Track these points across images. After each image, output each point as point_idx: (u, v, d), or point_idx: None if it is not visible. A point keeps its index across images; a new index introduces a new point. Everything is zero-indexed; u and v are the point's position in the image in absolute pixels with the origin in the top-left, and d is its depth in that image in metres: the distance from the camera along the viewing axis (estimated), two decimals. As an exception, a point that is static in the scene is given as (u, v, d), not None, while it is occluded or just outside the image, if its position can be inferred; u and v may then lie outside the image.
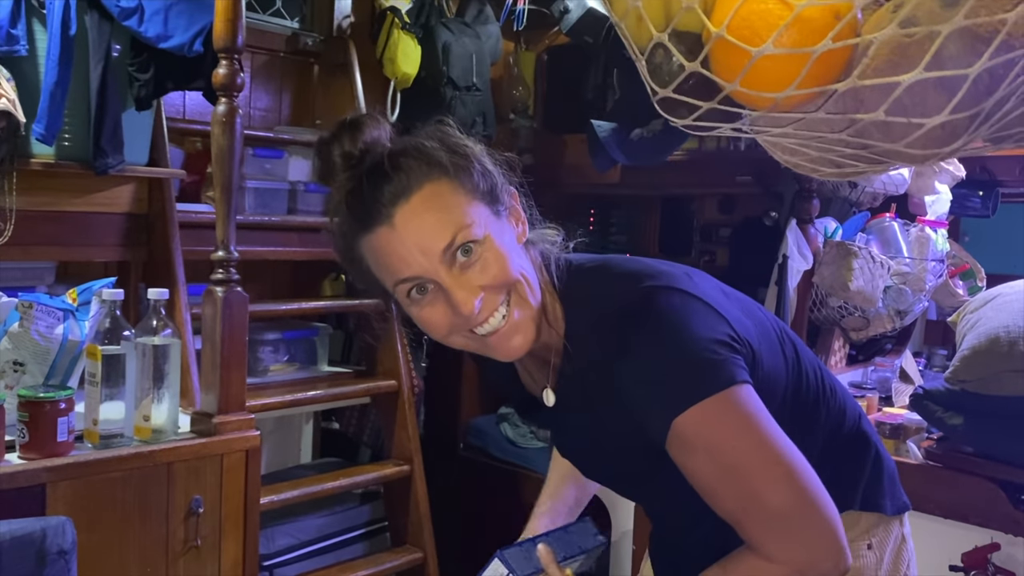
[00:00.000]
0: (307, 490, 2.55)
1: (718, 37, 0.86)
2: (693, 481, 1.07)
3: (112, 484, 1.91)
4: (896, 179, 2.51)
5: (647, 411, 1.05)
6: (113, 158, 2.17)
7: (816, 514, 1.04)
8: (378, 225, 1.04)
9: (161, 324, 1.99)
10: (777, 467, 1.03)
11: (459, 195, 1.05)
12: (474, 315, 1.05)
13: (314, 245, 2.83)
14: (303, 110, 3.16)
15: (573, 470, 1.45)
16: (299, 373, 2.90)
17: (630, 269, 1.13)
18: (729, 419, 1.02)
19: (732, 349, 1.05)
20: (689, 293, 1.07)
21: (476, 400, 3.77)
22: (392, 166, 1.04)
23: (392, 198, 1.03)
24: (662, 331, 1.04)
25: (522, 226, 1.13)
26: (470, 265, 1.04)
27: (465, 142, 1.09)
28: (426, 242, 1.03)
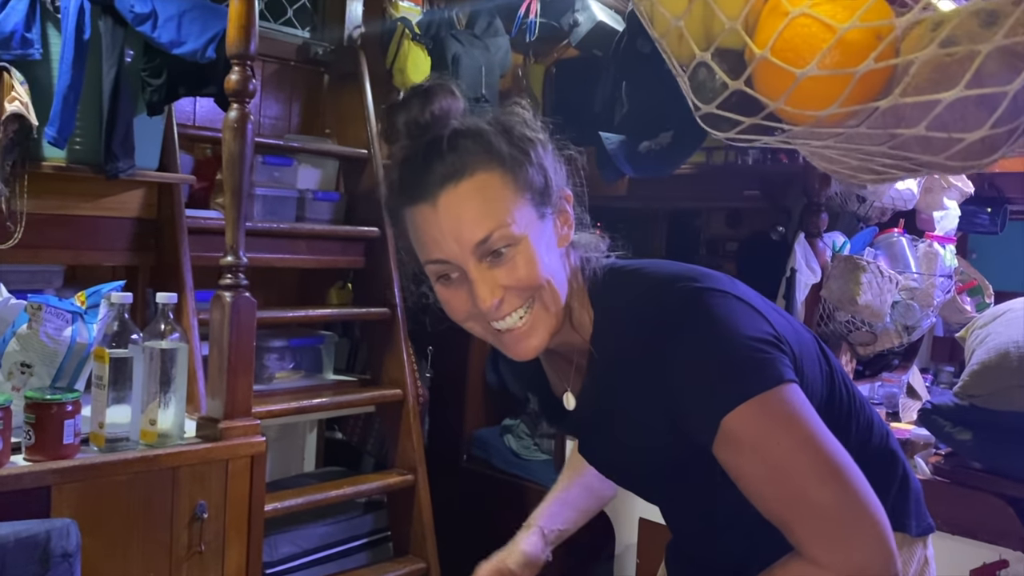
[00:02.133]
0: (311, 498, 2.54)
1: (762, 59, 0.87)
2: (740, 482, 1.05)
3: (117, 488, 1.90)
4: (904, 194, 2.51)
5: (694, 411, 1.04)
6: (124, 162, 2.18)
7: (866, 515, 1.01)
8: (422, 201, 1.05)
9: (169, 328, 1.99)
10: (826, 466, 1.01)
11: (507, 190, 1.04)
12: (492, 311, 1.06)
13: (322, 253, 2.84)
14: (313, 119, 3.17)
15: (586, 478, 1.44)
16: (304, 381, 2.90)
17: (669, 272, 1.12)
18: (778, 416, 1.01)
19: (778, 348, 1.04)
20: (732, 294, 1.07)
21: (480, 411, 3.76)
22: (450, 145, 1.04)
23: (441, 179, 1.03)
24: (708, 330, 1.03)
25: (567, 229, 1.12)
26: (499, 264, 1.04)
27: (531, 135, 1.08)
28: (462, 231, 1.03)
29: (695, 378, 1.03)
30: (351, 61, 3.06)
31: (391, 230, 2.99)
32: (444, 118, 1.06)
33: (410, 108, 1.06)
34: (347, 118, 3.08)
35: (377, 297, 2.93)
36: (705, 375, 1.03)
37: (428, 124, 1.05)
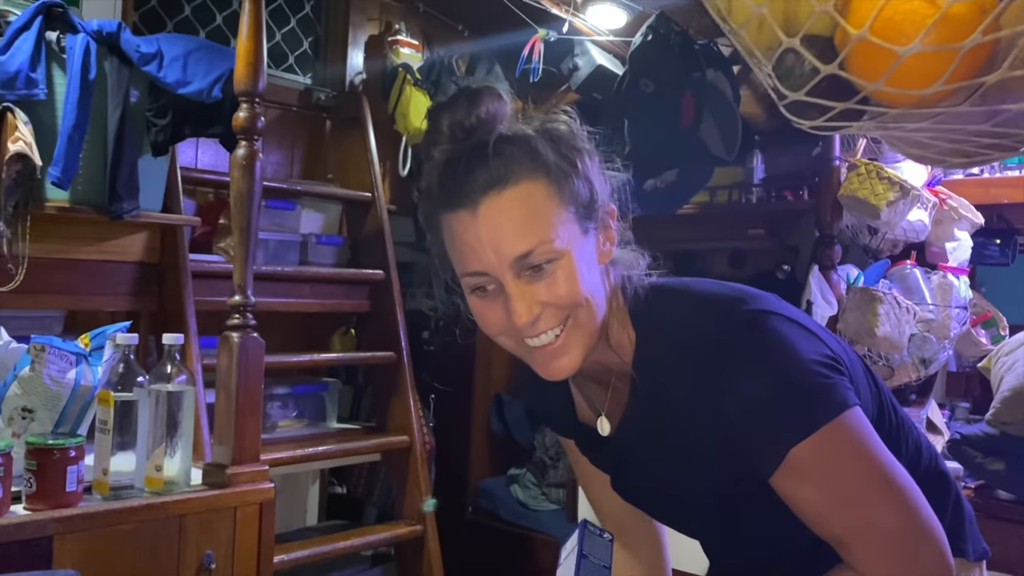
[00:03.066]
0: (319, 549, 2.45)
1: (860, 38, 0.85)
2: (800, 508, 1.02)
3: (122, 537, 1.82)
4: (916, 226, 2.49)
5: (757, 441, 1.00)
6: (128, 203, 2.14)
7: (930, 538, 1.00)
8: (462, 208, 1.00)
9: (176, 370, 1.92)
10: (891, 490, 0.99)
11: (551, 203, 1.00)
12: (527, 328, 1.02)
13: (326, 297, 2.79)
14: (315, 164, 3.15)
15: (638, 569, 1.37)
16: (308, 429, 2.82)
17: (719, 293, 1.07)
18: (845, 445, 0.99)
19: (838, 371, 1.01)
20: (788, 317, 1.03)
21: (484, 461, 3.68)
22: (495, 151, 1.00)
23: (484, 186, 0.99)
24: (769, 357, 0.99)
25: (609, 245, 1.07)
26: (539, 279, 1.00)
27: (578, 145, 1.04)
28: (502, 244, 0.99)
29: (758, 408, 0.98)
30: (353, 106, 3.05)
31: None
32: (490, 122, 1.02)
33: (456, 109, 1.02)
34: (349, 163, 3.06)
35: (382, 341, 2.87)
36: (769, 405, 0.98)
37: (473, 127, 1.01)
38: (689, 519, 1.22)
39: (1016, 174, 2.62)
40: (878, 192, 2.29)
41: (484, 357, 3.60)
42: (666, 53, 2.76)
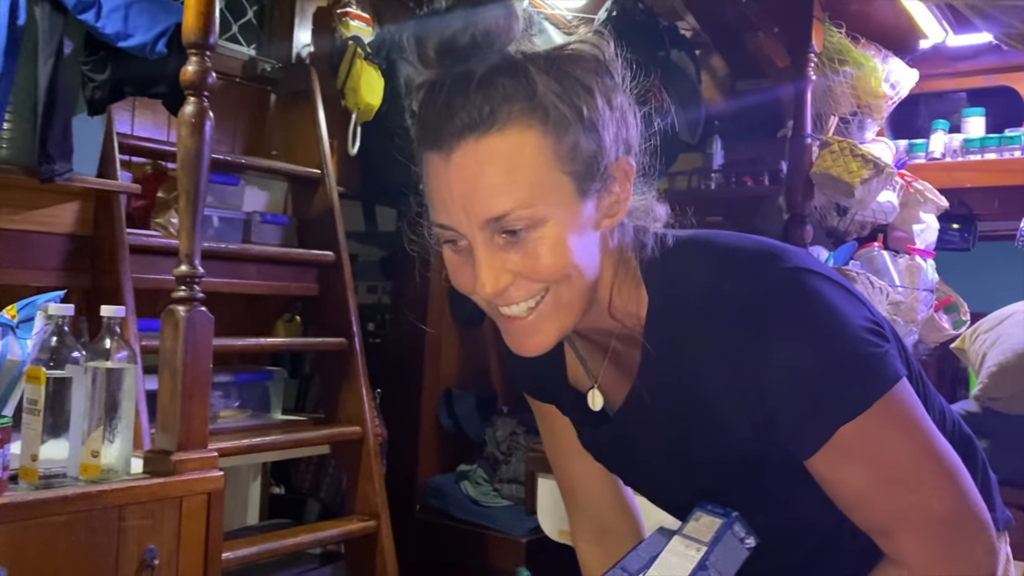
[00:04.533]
0: (268, 546, 2.28)
1: None
2: (840, 492, 0.91)
3: (54, 530, 1.62)
4: (885, 207, 2.46)
5: (800, 419, 0.87)
6: (60, 165, 1.95)
7: (977, 519, 0.90)
8: (436, 149, 0.85)
9: (116, 345, 1.74)
10: (941, 471, 0.89)
11: (542, 158, 0.84)
12: (495, 297, 0.87)
13: (272, 278, 2.62)
14: (258, 140, 2.97)
15: None
16: (251, 420, 2.64)
17: (749, 248, 0.92)
18: (897, 422, 0.87)
19: (885, 338, 0.89)
20: (828, 276, 0.89)
21: (433, 458, 3.53)
22: (482, 83, 0.83)
23: (461, 128, 0.83)
24: (815, 325, 0.85)
25: (616, 209, 0.90)
26: (514, 246, 0.85)
27: (591, 82, 0.86)
28: (474, 202, 0.84)
29: (803, 382, 0.86)
30: (301, 79, 2.89)
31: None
32: (489, 44, 0.84)
33: (449, 22, 0.84)
34: (296, 139, 2.89)
35: (332, 327, 2.71)
36: (816, 379, 0.85)
37: (467, 50, 0.84)
38: (694, 498, 1.06)
39: (978, 158, 2.62)
40: (852, 170, 2.24)
41: (434, 350, 3.46)
42: (632, 29, 2.68)
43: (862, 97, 2.43)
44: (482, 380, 3.59)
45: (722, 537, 0.94)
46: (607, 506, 1.22)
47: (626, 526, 1.23)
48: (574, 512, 1.25)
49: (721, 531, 0.95)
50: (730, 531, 0.95)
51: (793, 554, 1.05)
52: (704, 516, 0.97)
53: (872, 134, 2.63)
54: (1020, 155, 2.53)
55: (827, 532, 1.00)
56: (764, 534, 1.05)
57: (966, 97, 2.95)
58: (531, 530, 3.06)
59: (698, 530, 0.96)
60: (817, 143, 2.48)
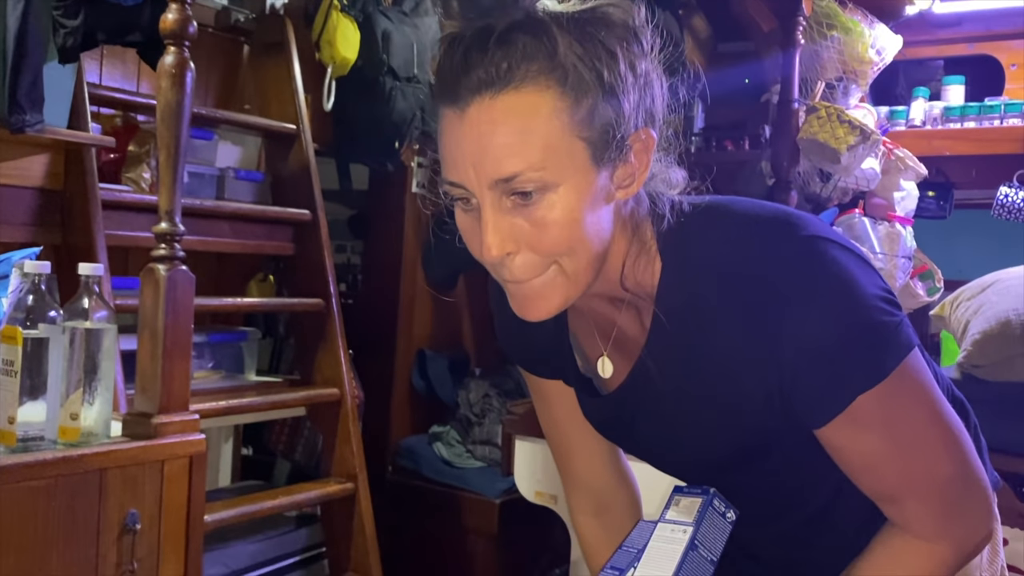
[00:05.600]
0: (247, 509, 2.24)
1: None
2: (851, 460, 0.92)
3: (33, 495, 1.57)
4: (868, 173, 2.47)
5: (817, 389, 0.87)
6: (32, 115, 1.86)
7: (977, 481, 0.94)
8: (451, 105, 0.83)
9: (95, 305, 1.68)
10: (949, 436, 0.91)
11: (557, 120, 0.81)
12: (496, 264, 0.86)
13: (246, 237, 2.55)
14: (230, 93, 2.88)
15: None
16: (224, 382, 2.58)
17: (765, 215, 0.91)
18: (911, 390, 0.89)
19: (898, 306, 0.89)
20: (844, 245, 0.90)
21: (406, 420, 3.51)
22: (501, 40, 0.80)
23: (478, 84, 0.81)
24: (833, 294, 0.85)
25: (632, 180, 0.88)
26: (523, 210, 0.83)
27: (615, 48, 0.83)
28: (484, 161, 0.82)
29: (823, 352, 0.86)
30: (275, 31, 2.79)
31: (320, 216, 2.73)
32: (513, 1, 0.82)
33: None
34: (270, 93, 2.80)
35: (308, 288, 2.65)
36: (835, 349, 0.85)
37: (490, 4, 0.82)
38: (701, 472, 1.07)
39: (958, 126, 2.64)
40: (839, 135, 2.24)
41: (407, 311, 3.42)
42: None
43: (849, 63, 2.42)
44: (455, 342, 3.57)
45: (705, 514, 0.95)
46: (606, 481, 1.21)
47: (625, 500, 1.23)
48: (572, 487, 1.24)
49: (702, 509, 0.96)
50: (711, 507, 0.96)
51: (791, 522, 1.07)
52: (683, 499, 0.99)
53: (856, 100, 2.63)
54: (999, 124, 2.55)
55: (825, 502, 1.02)
56: (763, 504, 1.06)
57: (943, 65, 2.96)
58: (504, 491, 3.07)
59: (680, 513, 0.97)
60: (804, 108, 2.47)
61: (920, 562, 0.93)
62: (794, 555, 1.08)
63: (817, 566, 1.02)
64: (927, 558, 0.93)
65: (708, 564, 0.93)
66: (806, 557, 1.06)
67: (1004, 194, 2.46)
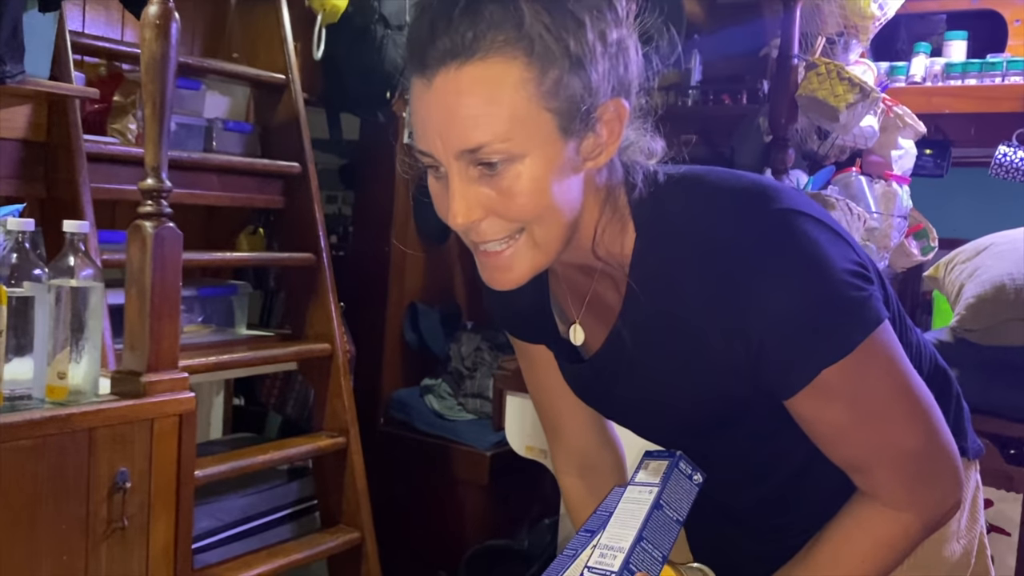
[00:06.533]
0: (237, 464, 2.24)
1: None
2: (818, 430, 0.94)
3: (21, 455, 1.56)
4: (866, 131, 2.44)
5: (784, 361, 0.88)
6: (12, 66, 1.81)
7: (947, 455, 0.96)
8: (420, 74, 0.83)
9: (81, 262, 1.65)
10: (917, 408, 0.93)
11: (523, 91, 0.81)
12: (467, 229, 0.87)
13: (236, 190, 2.51)
14: (217, 43, 2.81)
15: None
16: (215, 336, 2.57)
17: (739, 187, 0.91)
18: (877, 363, 0.90)
19: (868, 280, 0.90)
20: (816, 217, 0.90)
21: (397, 372, 3.51)
22: (467, 8, 0.80)
23: (443, 54, 0.81)
24: (803, 268, 0.86)
25: (601, 151, 0.88)
26: (489, 179, 0.84)
27: (584, 17, 0.82)
28: (450, 131, 0.82)
29: (788, 325, 0.86)
30: (264, -24, 2.72)
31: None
32: None
33: None
34: (258, 41, 2.73)
35: (298, 242, 2.63)
36: (801, 322, 0.86)
37: None
38: (673, 437, 1.09)
39: (959, 83, 2.60)
40: (838, 93, 2.21)
41: (398, 264, 3.40)
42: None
43: (850, 18, 2.38)
44: (447, 295, 3.56)
45: (670, 476, 0.98)
46: (591, 441, 1.23)
47: (610, 461, 1.24)
48: (557, 447, 1.25)
49: (668, 470, 0.98)
50: (676, 469, 0.99)
51: (767, 487, 1.09)
52: (651, 462, 1.02)
53: (856, 56, 2.59)
54: (1001, 81, 2.52)
55: (800, 466, 1.04)
56: (740, 469, 1.08)
57: (946, 20, 2.91)
58: (495, 444, 3.09)
59: (648, 475, 1.00)
60: (803, 64, 2.43)
61: (886, 529, 0.95)
62: (774, 519, 1.10)
63: (798, 529, 1.03)
64: (893, 525, 0.95)
65: (674, 523, 0.96)
66: (786, 521, 1.08)
67: (1003, 153, 2.43)
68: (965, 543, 1.12)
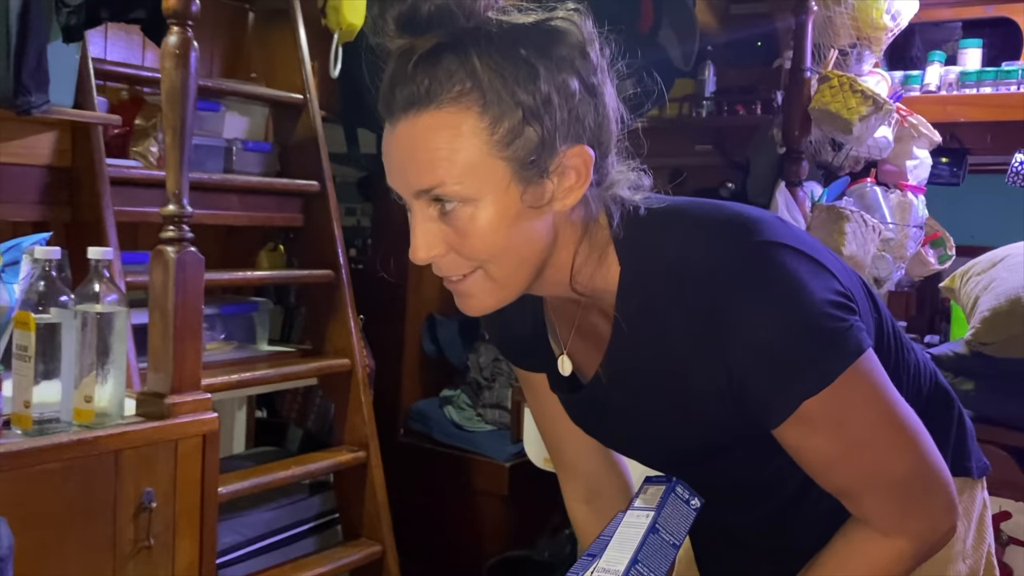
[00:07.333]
0: (260, 480, 2.28)
1: None
2: (805, 458, 0.95)
3: (50, 477, 1.61)
4: (880, 142, 2.44)
5: (765, 393, 0.90)
6: (37, 96, 1.85)
7: (938, 480, 0.96)
8: (386, 119, 0.88)
9: (105, 289, 1.69)
10: (902, 436, 0.94)
11: (476, 139, 0.85)
12: (426, 263, 0.90)
13: (256, 209, 2.55)
14: (236, 63, 2.86)
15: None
16: (237, 353, 2.61)
17: (721, 218, 0.93)
18: (859, 393, 0.91)
19: (852, 311, 0.91)
20: (797, 248, 0.91)
21: (416, 383, 3.54)
22: (425, 63, 0.84)
23: (403, 103, 0.85)
24: (782, 301, 0.88)
25: (568, 194, 0.89)
26: (446, 219, 0.87)
27: (539, 74, 0.84)
28: (407, 173, 0.87)
29: (768, 358, 0.88)
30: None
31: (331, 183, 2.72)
32: (447, 18, 0.84)
33: None
34: (276, 61, 2.77)
35: (318, 258, 2.66)
36: (781, 355, 0.88)
37: (424, 22, 0.84)
38: (669, 462, 1.10)
39: (973, 92, 2.59)
40: (851, 106, 2.21)
41: (416, 276, 3.43)
42: (629, -50, 2.58)
43: (862, 29, 2.38)
44: (465, 306, 3.58)
45: (667, 500, 1.00)
46: (596, 468, 1.24)
47: (615, 486, 1.25)
48: (564, 474, 1.27)
49: (664, 495, 1.00)
50: (673, 493, 1.01)
51: (765, 511, 1.09)
52: (650, 487, 1.04)
53: (869, 66, 2.59)
54: (1016, 90, 2.51)
55: (795, 492, 1.05)
56: (736, 494, 1.10)
57: (961, 27, 2.90)
58: (514, 454, 3.11)
59: (646, 500, 1.02)
60: (816, 77, 2.43)
61: (879, 555, 0.96)
62: (775, 542, 1.11)
63: (799, 552, 1.04)
64: (886, 551, 0.95)
65: (670, 547, 0.98)
66: (787, 544, 1.08)
67: (1019, 161, 2.43)
68: (971, 563, 1.13)
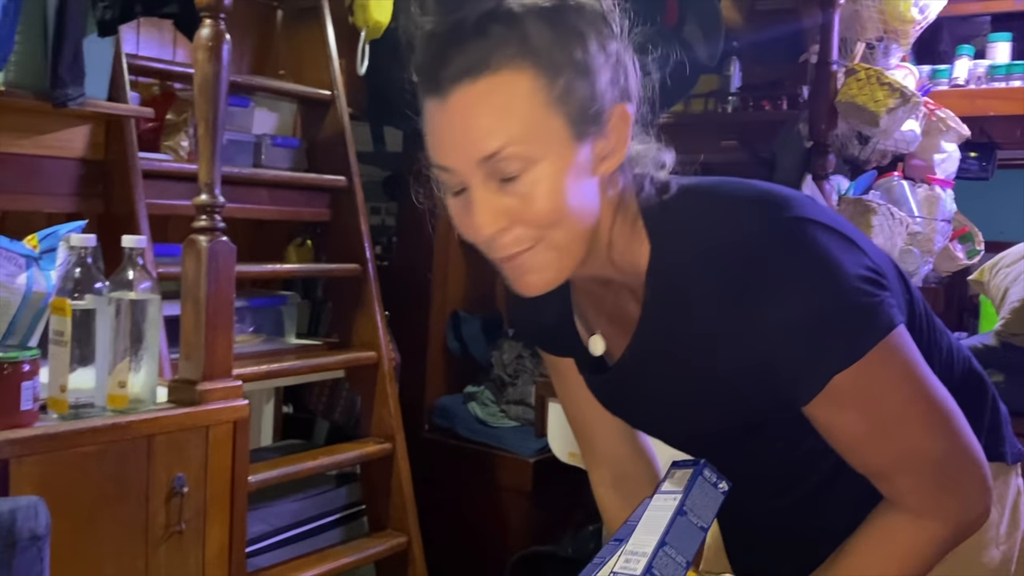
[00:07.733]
0: (288, 469, 2.31)
1: None
2: (836, 437, 0.94)
3: (85, 460, 1.64)
4: (908, 136, 2.43)
5: (796, 368, 0.90)
6: (73, 89, 1.89)
7: (972, 461, 0.95)
8: (433, 95, 0.88)
9: (139, 276, 1.72)
10: (936, 414, 0.93)
11: (536, 98, 0.86)
12: (489, 243, 0.90)
13: (284, 203, 2.58)
14: (264, 60, 2.89)
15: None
16: (265, 345, 2.64)
17: (751, 196, 0.94)
18: (890, 369, 0.90)
19: (883, 286, 0.91)
20: (827, 225, 0.91)
21: (441, 379, 3.56)
22: (476, 31, 0.85)
23: (457, 72, 0.85)
24: (813, 276, 0.88)
25: (613, 155, 0.91)
26: (510, 188, 0.87)
27: (585, 28, 0.87)
28: (469, 140, 0.86)
29: (799, 333, 0.88)
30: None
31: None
32: None
33: None
34: (304, 58, 2.80)
35: (345, 253, 2.69)
36: (811, 330, 0.88)
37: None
38: (700, 443, 1.10)
39: (1003, 85, 2.58)
40: (878, 98, 2.21)
41: (440, 272, 3.45)
42: (653, -54, 2.59)
43: (890, 22, 2.37)
44: (488, 303, 3.60)
45: (694, 483, 0.98)
46: (623, 452, 1.24)
47: (643, 471, 1.25)
48: (591, 460, 1.27)
49: (692, 479, 0.99)
50: (701, 476, 0.99)
51: (796, 495, 1.09)
52: (677, 471, 1.02)
53: (896, 60, 2.58)
54: (1046, 83, 2.49)
55: (827, 475, 1.04)
56: (766, 477, 1.09)
57: (990, 21, 2.88)
58: (538, 450, 3.11)
59: (673, 484, 1.01)
60: (842, 70, 2.43)
61: (912, 537, 0.95)
62: (805, 527, 1.10)
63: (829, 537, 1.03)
64: (920, 533, 0.95)
65: (698, 530, 0.97)
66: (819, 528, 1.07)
67: (1049, 155, 2.41)
68: (1005, 549, 1.11)
